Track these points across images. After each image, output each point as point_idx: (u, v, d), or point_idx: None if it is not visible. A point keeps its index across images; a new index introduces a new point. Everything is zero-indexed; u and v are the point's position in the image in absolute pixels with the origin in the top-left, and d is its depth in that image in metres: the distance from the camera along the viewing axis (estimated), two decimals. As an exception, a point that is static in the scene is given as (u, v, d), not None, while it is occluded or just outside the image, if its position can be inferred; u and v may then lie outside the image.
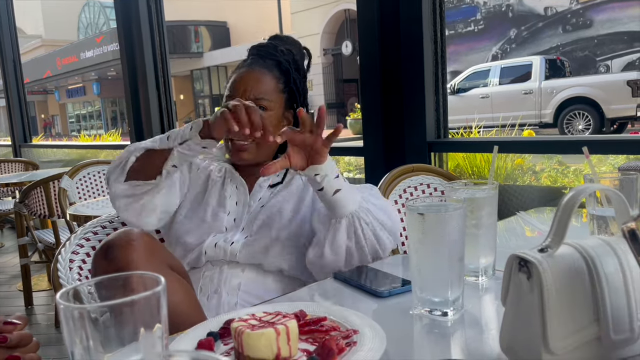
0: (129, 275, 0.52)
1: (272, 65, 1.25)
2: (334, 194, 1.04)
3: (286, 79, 1.25)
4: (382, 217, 1.10)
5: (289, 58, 1.27)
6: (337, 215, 1.07)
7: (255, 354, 0.63)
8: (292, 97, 1.26)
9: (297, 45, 1.33)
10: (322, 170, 1.03)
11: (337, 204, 1.05)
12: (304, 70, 1.31)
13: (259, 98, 1.20)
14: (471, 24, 14.81)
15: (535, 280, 0.59)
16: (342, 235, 1.07)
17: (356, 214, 1.06)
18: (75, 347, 0.44)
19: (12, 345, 0.66)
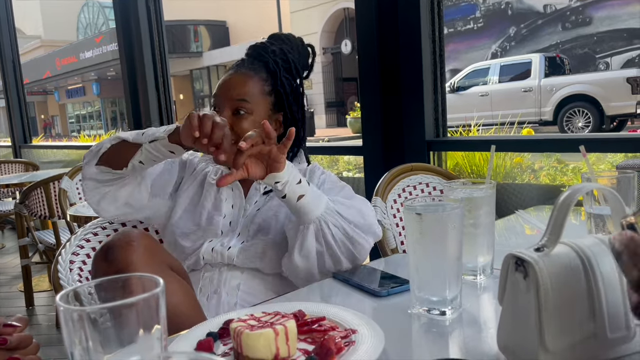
0: (128, 277, 0.53)
1: (260, 67, 1.22)
2: (298, 200, 1.03)
3: (273, 81, 1.22)
4: (353, 217, 1.08)
5: (280, 58, 1.23)
6: (304, 221, 1.05)
7: (254, 354, 0.64)
8: (281, 99, 1.23)
9: (297, 43, 1.29)
10: (281, 177, 1.01)
11: (302, 209, 1.04)
12: (298, 71, 1.26)
13: (241, 100, 1.17)
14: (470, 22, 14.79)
15: (532, 279, 0.59)
16: (310, 240, 1.05)
17: (322, 218, 1.05)
18: (74, 349, 0.45)
19: (12, 347, 0.66)
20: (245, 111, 1.17)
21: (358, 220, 1.08)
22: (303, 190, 1.03)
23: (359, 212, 1.10)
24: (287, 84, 1.22)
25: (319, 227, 1.05)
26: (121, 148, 1.11)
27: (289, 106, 1.23)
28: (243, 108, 1.17)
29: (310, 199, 1.04)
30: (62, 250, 1.17)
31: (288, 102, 1.23)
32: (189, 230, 1.20)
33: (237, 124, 1.17)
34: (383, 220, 1.45)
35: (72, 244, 1.20)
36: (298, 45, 1.29)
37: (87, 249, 1.21)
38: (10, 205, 4.23)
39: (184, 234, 1.20)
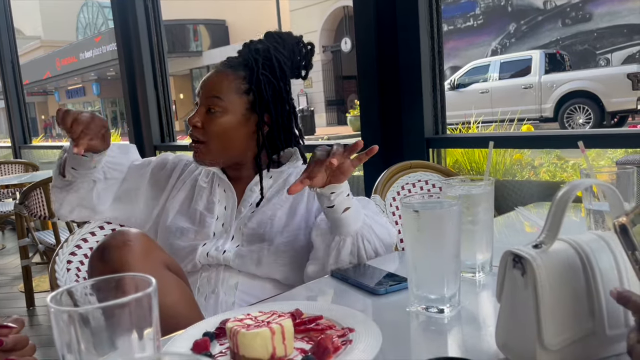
0: (121, 276, 0.52)
1: (239, 65, 1.20)
2: (342, 212, 1.03)
3: (250, 79, 1.18)
4: (383, 234, 1.09)
5: (261, 57, 1.19)
6: (342, 233, 1.05)
7: (251, 353, 0.63)
8: (259, 99, 1.18)
9: (291, 42, 1.24)
10: (339, 188, 1.01)
11: (344, 222, 1.03)
12: (284, 70, 1.21)
13: (214, 97, 1.17)
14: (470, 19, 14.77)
15: (530, 276, 0.58)
16: (346, 253, 1.05)
17: (361, 233, 1.05)
18: (65, 350, 0.44)
19: (8, 348, 0.66)
20: (218, 109, 1.16)
21: (386, 239, 1.10)
22: (350, 203, 1.03)
23: (388, 231, 1.12)
24: (266, 83, 1.18)
25: (355, 241, 1.06)
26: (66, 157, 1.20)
27: (266, 106, 1.19)
28: (216, 106, 1.17)
29: (353, 213, 1.04)
30: (60, 250, 1.17)
31: (265, 102, 1.18)
32: (181, 230, 1.20)
33: (208, 122, 1.17)
34: (382, 218, 1.44)
35: (70, 244, 1.20)
36: (292, 44, 1.24)
37: (85, 249, 1.21)
38: (10, 206, 4.23)
39: (177, 235, 1.19)
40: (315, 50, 1.30)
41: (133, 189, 1.28)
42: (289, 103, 1.23)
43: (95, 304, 0.50)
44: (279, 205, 1.18)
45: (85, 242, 1.22)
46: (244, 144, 1.20)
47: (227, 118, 1.17)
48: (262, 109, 1.19)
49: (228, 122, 1.17)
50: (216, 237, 1.18)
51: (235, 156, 1.22)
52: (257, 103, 1.18)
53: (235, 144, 1.19)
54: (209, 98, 1.18)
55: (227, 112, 1.17)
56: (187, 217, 1.21)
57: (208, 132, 1.16)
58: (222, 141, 1.17)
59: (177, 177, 1.29)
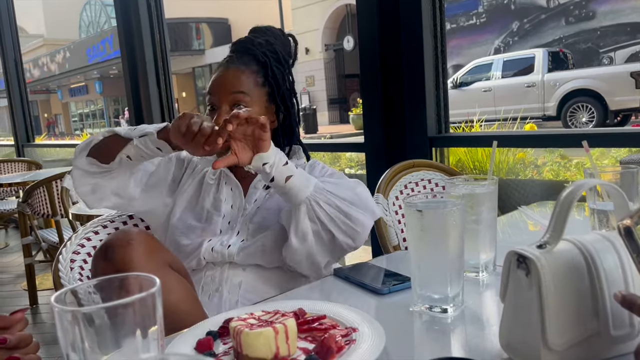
0: (125, 276, 0.52)
1: (250, 60, 1.22)
2: (286, 182, 1.03)
3: (265, 72, 1.22)
4: (345, 194, 1.07)
5: (267, 50, 1.23)
6: (295, 203, 1.05)
7: (254, 353, 0.63)
8: (274, 89, 1.23)
9: (278, 34, 1.29)
10: (268, 158, 1.02)
11: (292, 191, 1.04)
12: (286, 60, 1.26)
13: (239, 92, 1.17)
14: (473, 17, 14.73)
15: (534, 276, 0.58)
16: (303, 220, 1.05)
17: (312, 197, 1.04)
18: (69, 350, 0.44)
19: (12, 346, 0.66)
20: (245, 104, 1.17)
21: (351, 197, 1.08)
22: (290, 171, 1.04)
23: (351, 189, 1.09)
24: (279, 74, 1.23)
25: (309, 206, 1.05)
26: (112, 141, 1.11)
27: (282, 97, 1.23)
28: (242, 101, 1.18)
29: (297, 180, 1.04)
30: (63, 249, 1.17)
31: (281, 92, 1.23)
32: (188, 227, 1.20)
33: None
34: (385, 217, 1.44)
35: (73, 242, 1.20)
36: (279, 36, 1.29)
37: (88, 247, 1.21)
38: (14, 204, 4.23)
39: (183, 232, 1.20)
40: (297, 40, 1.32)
41: (162, 180, 1.26)
42: (295, 92, 1.28)
43: (100, 303, 0.50)
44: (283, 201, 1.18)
45: (89, 240, 1.22)
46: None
47: (254, 111, 1.15)
48: (280, 99, 1.23)
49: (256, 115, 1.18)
50: (222, 234, 1.19)
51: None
52: (275, 93, 1.22)
53: None
54: (231, 94, 1.18)
55: (253, 105, 1.19)
56: (194, 215, 1.21)
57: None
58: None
59: (189, 174, 1.28)
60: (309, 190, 1.04)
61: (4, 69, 5.18)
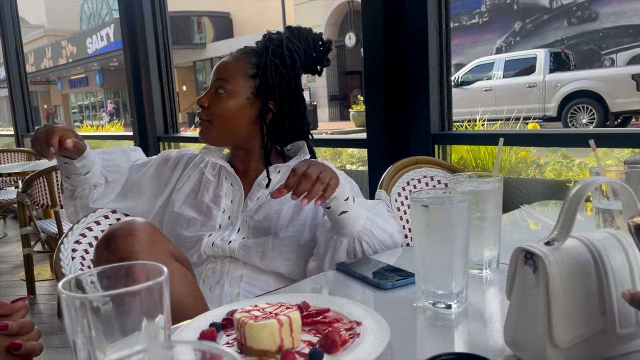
0: (131, 264, 0.52)
1: (251, 51, 1.24)
2: (339, 214, 1.04)
3: (258, 64, 1.21)
4: (385, 238, 1.10)
5: (273, 44, 1.21)
6: (340, 234, 1.07)
7: (258, 345, 0.63)
8: (265, 85, 1.20)
9: (306, 37, 1.25)
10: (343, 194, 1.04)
11: (342, 223, 1.05)
12: (294, 61, 1.22)
13: (220, 79, 1.20)
14: (475, 16, 14.70)
15: (541, 273, 0.58)
16: (341, 254, 1.07)
17: (358, 236, 1.07)
18: (77, 337, 0.44)
19: (14, 332, 0.66)
20: (224, 90, 1.19)
21: (388, 241, 1.11)
22: (347, 207, 1.04)
23: (389, 234, 1.12)
24: (273, 69, 1.20)
25: (351, 244, 1.07)
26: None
27: (271, 91, 1.20)
28: (221, 87, 1.20)
29: (351, 217, 1.05)
30: (64, 239, 1.16)
31: (269, 88, 1.20)
32: (188, 220, 1.20)
33: (214, 103, 1.20)
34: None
35: (74, 232, 1.19)
36: (309, 39, 1.25)
37: (90, 237, 1.21)
38: (13, 194, 4.22)
39: (183, 225, 1.20)
40: (332, 46, 1.30)
41: (135, 185, 1.31)
42: (298, 94, 1.24)
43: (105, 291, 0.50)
44: (286, 199, 1.18)
45: (90, 230, 1.22)
46: (246, 128, 1.22)
47: (231, 100, 1.20)
48: (266, 94, 1.21)
49: (232, 104, 1.20)
50: (222, 229, 1.18)
51: (239, 141, 1.24)
52: (262, 87, 1.21)
53: (238, 127, 1.21)
54: (217, 80, 1.21)
55: (232, 94, 1.20)
56: (194, 208, 1.21)
57: (213, 113, 1.20)
58: (225, 123, 1.20)
59: (181, 170, 1.29)
60: (358, 228, 1.06)
61: (5, 58, 5.16)
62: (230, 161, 1.28)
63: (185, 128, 6.42)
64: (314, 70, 1.29)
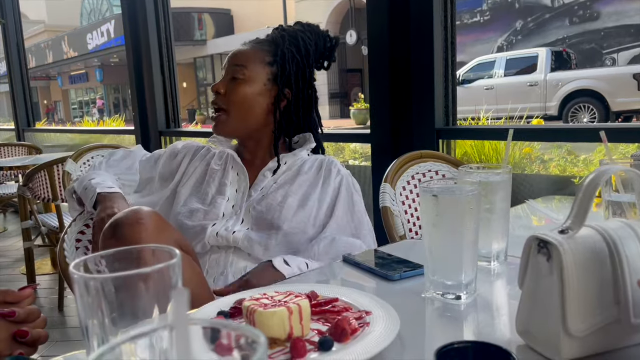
0: (141, 248, 0.51)
1: (266, 41, 1.25)
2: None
3: (275, 53, 1.22)
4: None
5: (288, 34, 1.24)
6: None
7: (268, 332, 0.62)
8: (282, 72, 1.22)
9: (316, 32, 1.28)
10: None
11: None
12: (308, 52, 1.25)
13: (238, 65, 1.20)
14: (477, 14, 14.69)
15: (555, 261, 0.57)
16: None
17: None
18: (89, 322, 0.43)
19: (20, 319, 0.65)
20: (241, 77, 1.20)
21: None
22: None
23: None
24: (290, 57, 1.22)
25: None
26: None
27: (287, 79, 1.22)
28: (239, 73, 1.20)
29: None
30: (68, 229, 1.16)
31: (286, 74, 1.22)
32: (191, 210, 1.20)
33: (230, 90, 1.20)
34: (392, 207, 1.43)
35: (78, 223, 1.19)
36: (317, 34, 1.28)
37: (94, 228, 1.20)
38: (13, 188, 4.22)
39: (186, 215, 1.20)
40: (339, 42, 1.32)
41: (149, 182, 1.31)
42: (311, 84, 1.27)
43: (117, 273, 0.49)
44: (291, 192, 1.18)
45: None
46: (262, 115, 1.23)
47: (248, 86, 1.20)
48: (283, 81, 1.22)
49: (249, 90, 1.20)
50: (225, 218, 1.18)
51: (253, 129, 1.24)
52: (279, 74, 1.22)
53: (253, 113, 1.22)
54: (233, 66, 1.21)
55: (250, 80, 1.20)
56: (198, 198, 1.21)
57: (230, 100, 1.20)
58: (242, 109, 1.20)
59: (187, 163, 1.29)
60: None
61: (6, 53, 5.15)
62: (237, 151, 1.28)
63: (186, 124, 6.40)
64: (321, 65, 1.31)
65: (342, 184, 1.21)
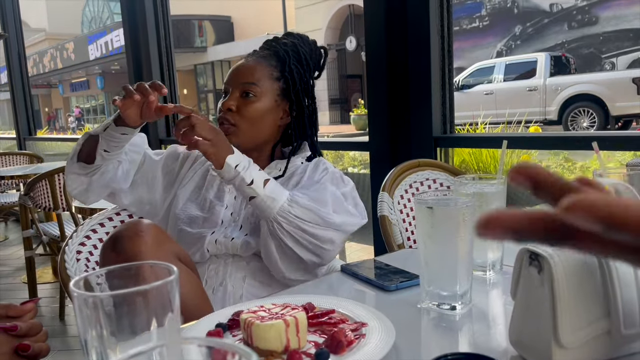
0: (140, 264, 0.52)
1: (269, 55, 1.26)
2: (250, 200, 1.08)
3: (282, 67, 1.24)
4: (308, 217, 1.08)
5: (290, 49, 1.25)
6: (261, 217, 1.10)
7: (265, 345, 0.64)
8: (289, 86, 1.24)
9: (309, 42, 1.30)
10: (223, 175, 1.06)
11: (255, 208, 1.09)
12: (309, 63, 1.27)
13: (249, 83, 1.20)
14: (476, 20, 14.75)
15: (546, 273, 0.58)
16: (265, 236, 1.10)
17: (274, 219, 1.07)
18: (88, 336, 0.44)
19: (22, 334, 0.66)
20: (253, 94, 1.20)
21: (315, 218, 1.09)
22: (254, 192, 1.06)
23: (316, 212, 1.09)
24: (296, 72, 1.24)
25: (271, 227, 1.08)
26: (90, 143, 1.16)
27: (296, 94, 1.24)
28: (251, 91, 1.20)
29: (262, 201, 1.06)
30: (69, 240, 1.17)
31: (295, 90, 1.24)
32: (190, 217, 1.21)
33: (244, 106, 1.20)
34: (390, 216, 1.44)
35: (79, 234, 1.20)
36: (310, 44, 1.30)
37: (94, 239, 1.21)
38: (15, 197, 4.23)
39: (186, 222, 1.20)
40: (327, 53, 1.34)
41: (150, 174, 1.29)
42: (314, 95, 1.29)
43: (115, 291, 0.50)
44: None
45: (95, 232, 1.22)
46: (271, 130, 1.24)
47: (261, 103, 1.21)
48: (294, 95, 1.24)
49: (262, 107, 1.21)
50: (224, 225, 1.19)
51: (260, 142, 1.25)
52: (289, 89, 1.23)
53: (264, 128, 1.23)
54: (243, 84, 1.21)
55: (262, 96, 1.21)
56: (197, 205, 1.22)
57: (242, 116, 1.20)
58: (254, 125, 1.21)
59: (188, 167, 1.30)
60: (273, 212, 1.07)
61: (7, 62, 5.18)
62: None
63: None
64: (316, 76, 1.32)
65: (323, 177, 1.21)
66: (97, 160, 1.16)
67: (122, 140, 1.13)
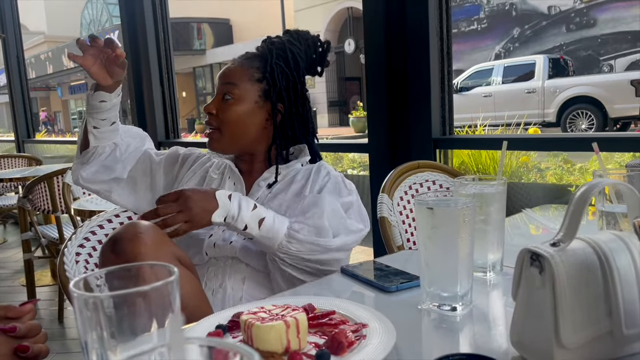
0: (140, 265, 0.52)
1: (254, 56, 1.24)
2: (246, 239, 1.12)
3: (264, 68, 1.21)
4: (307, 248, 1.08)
5: (275, 47, 1.22)
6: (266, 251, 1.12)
7: (265, 346, 0.63)
8: (272, 87, 1.21)
9: (306, 38, 1.26)
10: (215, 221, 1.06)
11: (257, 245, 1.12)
12: (297, 63, 1.22)
13: (228, 84, 1.20)
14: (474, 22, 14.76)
15: (548, 274, 0.58)
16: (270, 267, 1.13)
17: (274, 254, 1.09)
18: (88, 337, 0.44)
19: (21, 335, 0.66)
20: (232, 96, 1.19)
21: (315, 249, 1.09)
22: (250, 234, 1.08)
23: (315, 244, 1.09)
24: (279, 72, 1.21)
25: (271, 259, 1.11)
26: (84, 130, 1.24)
27: (278, 94, 1.21)
28: (229, 93, 1.20)
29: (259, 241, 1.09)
30: (68, 242, 1.17)
31: (277, 90, 1.21)
32: None
33: (222, 109, 1.20)
34: (390, 217, 1.44)
35: (78, 236, 1.20)
36: (308, 40, 1.26)
37: (93, 241, 1.21)
38: (13, 199, 4.22)
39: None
40: (330, 47, 1.30)
41: (149, 172, 1.30)
42: (304, 95, 1.25)
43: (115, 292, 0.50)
44: (284, 204, 1.18)
45: (94, 234, 1.22)
46: (256, 133, 1.22)
47: (240, 105, 1.20)
48: (275, 97, 1.21)
49: (241, 110, 1.20)
50: (222, 228, 1.18)
51: (247, 145, 1.24)
52: (270, 90, 1.21)
53: (247, 131, 1.21)
54: (224, 85, 1.21)
55: (241, 99, 1.20)
56: None
57: (222, 119, 1.20)
58: (235, 128, 1.20)
59: (187, 169, 1.30)
60: (272, 249, 1.09)
61: (6, 65, 5.18)
62: (235, 162, 1.28)
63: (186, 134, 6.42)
64: (315, 72, 1.29)
65: (326, 185, 1.20)
66: (92, 141, 1.21)
67: (102, 108, 1.18)
